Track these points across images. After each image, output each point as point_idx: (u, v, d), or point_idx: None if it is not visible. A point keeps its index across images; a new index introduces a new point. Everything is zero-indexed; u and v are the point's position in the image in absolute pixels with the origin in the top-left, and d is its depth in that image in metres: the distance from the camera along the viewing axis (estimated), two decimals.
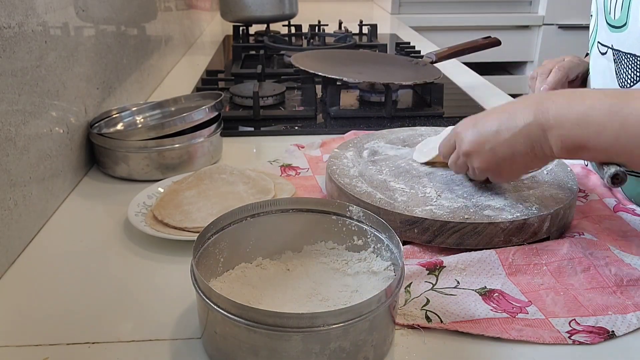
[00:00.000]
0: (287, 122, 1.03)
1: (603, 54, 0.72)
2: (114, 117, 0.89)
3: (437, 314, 0.52)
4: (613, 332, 0.50)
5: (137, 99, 1.10)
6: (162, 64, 1.32)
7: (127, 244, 0.65)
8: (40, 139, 0.69)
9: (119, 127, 0.89)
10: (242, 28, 1.70)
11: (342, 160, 0.75)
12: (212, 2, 2.12)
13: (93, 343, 0.50)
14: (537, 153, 0.57)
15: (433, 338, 0.50)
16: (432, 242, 0.61)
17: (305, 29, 1.77)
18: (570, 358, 0.48)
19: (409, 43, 1.66)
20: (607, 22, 0.69)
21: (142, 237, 0.66)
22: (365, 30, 1.82)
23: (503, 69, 2.64)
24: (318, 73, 1.04)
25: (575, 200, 0.67)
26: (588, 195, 0.74)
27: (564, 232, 0.65)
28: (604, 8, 0.70)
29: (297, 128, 1.00)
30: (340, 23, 1.87)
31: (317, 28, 1.77)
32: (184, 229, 0.65)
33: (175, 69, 1.44)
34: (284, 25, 1.80)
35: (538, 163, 0.59)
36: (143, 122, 0.92)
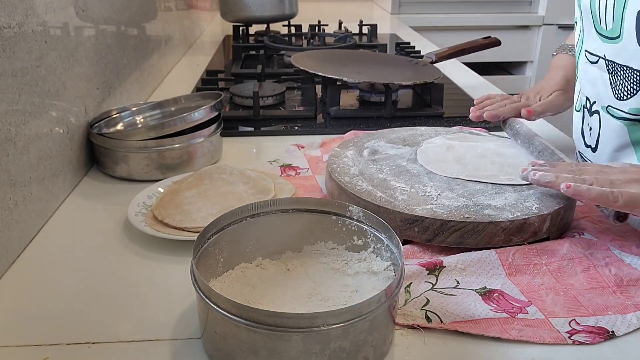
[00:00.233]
0: (287, 122, 1.03)
1: (593, 63, 0.71)
2: (114, 117, 0.89)
3: (437, 314, 0.52)
4: (613, 332, 0.50)
5: (137, 99, 1.10)
6: (162, 64, 1.32)
7: (127, 244, 0.65)
8: (40, 139, 0.69)
9: (119, 127, 0.89)
10: (242, 28, 1.70)
11: (342, 159, 0.75)
12: (212, 2, 2.12)
13: (93, 343, 0.50)
14: None
15: (433, 338, 0.50)
16: (432, 241, 0.61)
17: (305, 29, 1.77)
18: (570, 358, 0.48)
19: (409, 43, 1.66)
20: (597, 31, 0.69)
21: (142, 237, 0.66)
22: (365, 30, 1.82)
23: (503, 69, 2.64)
24: (318, 73, 1.04)
25: (575, 200, 0.67)
26: None
27: (564, 232, 0.65)
28: (592, 17, 0.69)
29: (297, 128, 1.00)
30: (340, 23, 1.87)
31: (317, 28, 1.77)
32: (184, 229, 0.65)
33: (175, 69, 1.44)
34: (284, 25, 1.80)
35: None
36: (143, 122, 0.92)
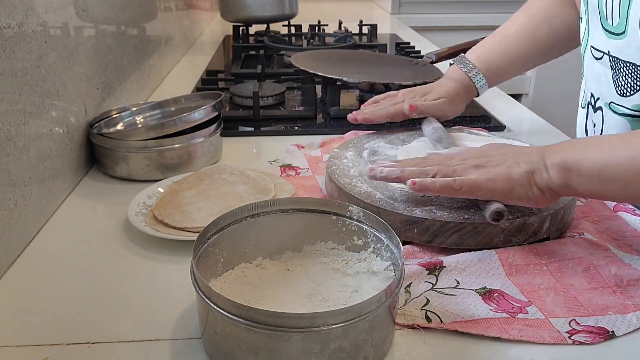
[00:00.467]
0: (287, 122, 1.03)
1: (598, 59, 0.71)
2: (114, 117, 0.89)
3: (437, 314, 0.52)
4: (613, 332, 0.50)
5: (137, 99, 1.10)
6: (162, 64, 1.32)
7: (127, 244, 0.65)
8: (40, 139, 0.69)
9: (119, 127, 0.89)
10: (242, 28, 1.70)
11: (342, 160, 0.75)
12: (212, 2, 2.12)
13: (93, 343, 0.50)
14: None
15: (433, 338, 0.50)
16: (432, 242, 0.61)
17: (305, 29, 1.77)
18: (570, 358, 0.48)
19: (409, 43, 1.66)
20: (603, 27, 0.69)
21: (142, 237, 0.65)
22: (365, 30, 1.82)
23: None
24: (318, 73, 1.04)
25: (575, 200, 0.67)
26: None
27: (564, 232, 0.65)
28: (600, 12, 0.69)
29: (297, 128, 1.00)
30: (340, 23, 1.87)
31: (317, 28, 1.77)
32: (184, 229, 0.65)
33: (175, 69, 1.44)
34: (284, 25, 1.80)
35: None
36: (143, 122, 0.92)
